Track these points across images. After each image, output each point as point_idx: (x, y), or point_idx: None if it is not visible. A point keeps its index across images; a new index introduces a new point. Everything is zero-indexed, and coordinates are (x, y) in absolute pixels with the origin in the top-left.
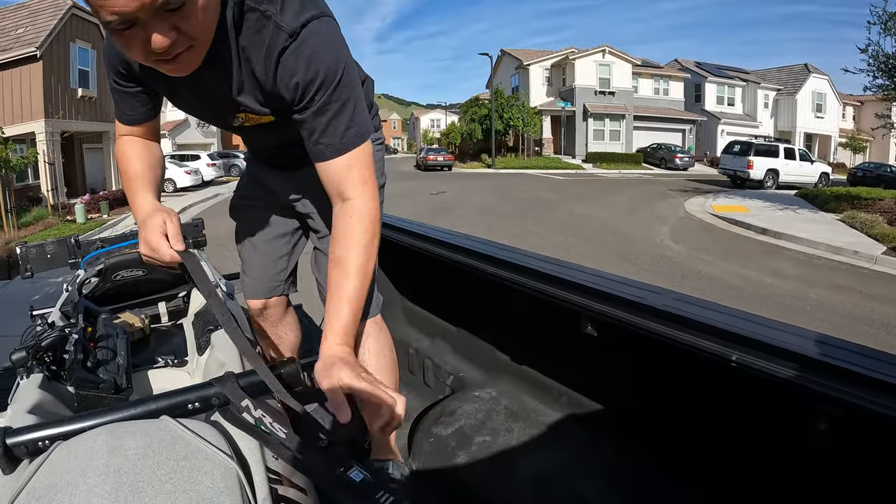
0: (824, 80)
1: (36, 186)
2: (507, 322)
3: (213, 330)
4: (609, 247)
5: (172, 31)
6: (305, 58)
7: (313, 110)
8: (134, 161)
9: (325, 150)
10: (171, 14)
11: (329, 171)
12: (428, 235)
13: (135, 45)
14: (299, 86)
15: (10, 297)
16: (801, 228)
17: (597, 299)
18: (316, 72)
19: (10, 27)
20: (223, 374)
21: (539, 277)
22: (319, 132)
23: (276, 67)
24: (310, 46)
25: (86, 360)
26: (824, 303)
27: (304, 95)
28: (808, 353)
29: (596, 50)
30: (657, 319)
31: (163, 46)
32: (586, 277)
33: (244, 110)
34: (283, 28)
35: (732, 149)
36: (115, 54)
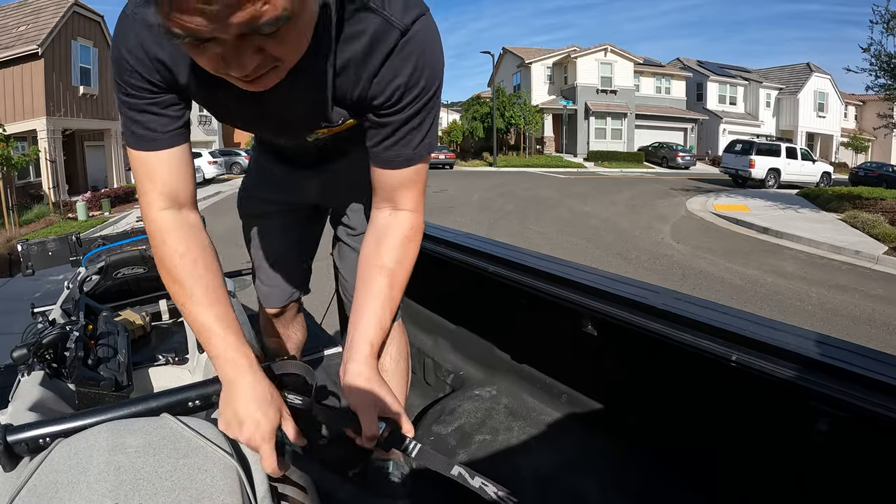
0: (826, 79)
1: (37, 184)
2: (508, 320)
3: None
4: (610, 246)
5: (257, 55)
6: (413, 58)
7: (402, 116)
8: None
9: (394, 159)
10: (260, 37)
11: (390, 179)
12: (429, 234)
13: (206, 57)
14: (400, 88)
15: (11, 295)
16: (802, 228)
17: (597, 298)
18: (420, 76)
19: (11, 25)
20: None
21: (539, 276)
22: (396, 139)
23: (381, 67)
24: (419, 46)
25: (87, 358)
26: (825, 302)
27: (399, 99)
28: (808, 353)
29: (598, 48)
30: (657, 319)
31: (242, 73)
32: (587, 276)
33: (328, 125)
34: (394, 24)
35: (734, 148)
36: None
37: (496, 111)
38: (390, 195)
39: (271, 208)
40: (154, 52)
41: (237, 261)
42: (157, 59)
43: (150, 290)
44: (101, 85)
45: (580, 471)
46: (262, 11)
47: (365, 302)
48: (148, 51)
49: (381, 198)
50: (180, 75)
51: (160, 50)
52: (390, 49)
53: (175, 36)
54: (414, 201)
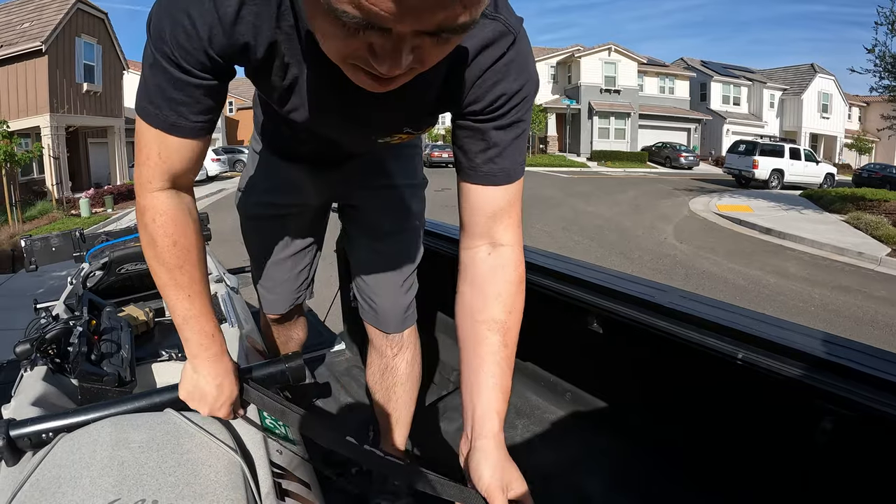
0: (830, 80)
1: (41, 180)
2: None
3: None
4: (613, 245)
5: (410, 55)
6: (517, 65)
7: (501, 124)
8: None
9: (498, 173)
10: (433, 38)
11: (489, 200)
12: (432, 231)
13: (348, 46)
14: (504, 95)
15: (14, 291)
16: (805, 229)
17: (603, 296)
18: (524, 83)
19: (15, 21)
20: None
21: (546, 273)
22: (497, 151)
23: (486, 70)
24: (523, 53)
25: (90, 353)
26: (828, 304)
27: (500, 105)
28: (814, 352)
29: (602, 48)
30: (663, 317)
31: (390, 69)
32: (593, 274)
33: (411, 131)
34: (510, 26)
35: (738, 148)
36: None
37: None
38: (488, 224)
39: (279, 212)
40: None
41: (242, 257)
42: (238, 39)
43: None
44: (105, 82)
45: (584, 469)
46: (457, 14)
47: (482, 367)
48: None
49: (477, 232)
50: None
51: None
52: (501, 53)
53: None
54: (515, 233)
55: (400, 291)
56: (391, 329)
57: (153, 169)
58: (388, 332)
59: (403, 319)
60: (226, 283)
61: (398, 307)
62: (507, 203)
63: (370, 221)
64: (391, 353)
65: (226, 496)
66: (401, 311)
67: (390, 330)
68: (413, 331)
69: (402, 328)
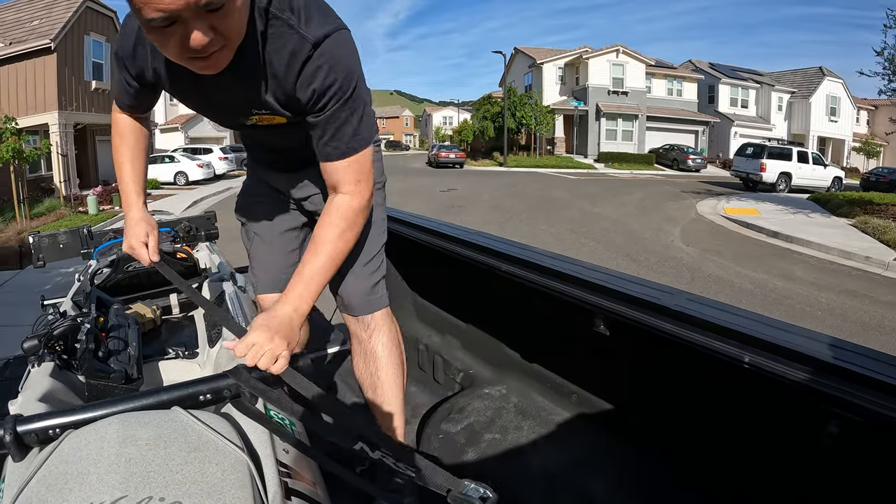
0: (839, 83)
1: (49, 177)
2: (518, 319)
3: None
4: (619, 247)
5: (210, 31)
6: (326, 67)
7: (326, 115)
8: (132, 150)
9: (331, 153)
10: (211, 14)
11: (330, 169)
12: (439, 231)
13: (172, 42)
14: (316, 92)
15: (21, 287)
16: (812, 232)
17: (611, 298)
18: (333, 81)
19: (25, 19)
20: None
21: (553, 275)
22: (329, 136)
23: (299, 74)
24: (330, 57)
25: (97, 350)
26: (835, 308)
27: (319, 101)
28: (822, 356)
29: (609, 49)
30: (670, 320)
31: (201, 44)
32: (600, 276)
33: (259, 112)
34: (307, 38)
35: (745, 151)
36: (129, 55)
37: (507, 111)
38: (333, 184)
39: (260, 200)
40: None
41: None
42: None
43: (161, 283)
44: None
45: (589, 471)
46: None
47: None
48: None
49: (328, 186)
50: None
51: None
52: (304, 59)
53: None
54: (350, 185)
55: (361, 274)
56: (357, 312)
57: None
58: (356, 315)
59: (368, 302)
60: (233, 282)
61: (360, 290)
62: (344, 168)
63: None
64: (365, 336)
65: (233, 494)
66: (363, 294)
67: (357, 313)
68: (386, 314)
69: (369, 310)
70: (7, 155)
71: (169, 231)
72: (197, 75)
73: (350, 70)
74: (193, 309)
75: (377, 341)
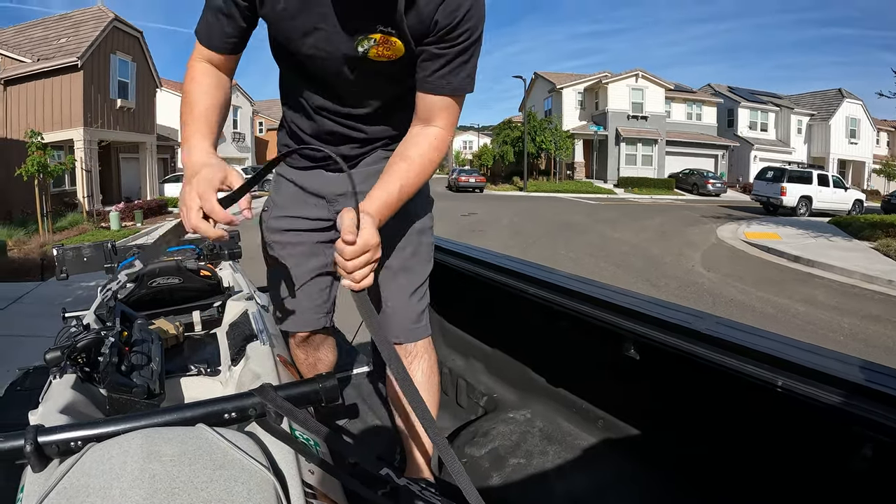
0: (858, 105)
1: (72, 192)
2: (544, 343)
3: (247, 342)
4: (639, 272)
5: None
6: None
7: (456, 48)
8: (203, 94)
9: (444, 87)
10: None
11: (434, 102)
12: (466, 254)
13: None
14: (455, 20)
15: (43, 298)
16: (834, 256)
17: (640, 322)
18: (473, 13)
19: (52, 37)
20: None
21: (582, 299)
22: (448, 69)
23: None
24: None
25: (120, 364)
26: (858, 333)
27: (454, 30)
28: (853, 378)
29: (629, 74)
30: (701, 343)
31: None
32: (629, 300)
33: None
34: None
35: (765, 175)
36: None
37: (527, 136)
38: (428, 116)
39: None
40: None
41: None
42: None
43: (184, 300)
44: (139, 99)
45: (616, 497)
46: None
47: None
48: None
49: (418, 119)
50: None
51: None
52: None
53: None
54: (445, 121)
55: (409, 301)
56: (402, 339)
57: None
58: (401, 343)
59: (414, 329)
60: (256, 301)
61: (407, 317)
62: (448, 106)
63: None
64: (406, 362)
65: None
66: (410, 321)
67: (401, 340)
68: (427, 343)
69: (413, 338)
70: (32, 169)
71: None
72: None
73: (483, 8)
74: (216, 326)
75: (417, 368)
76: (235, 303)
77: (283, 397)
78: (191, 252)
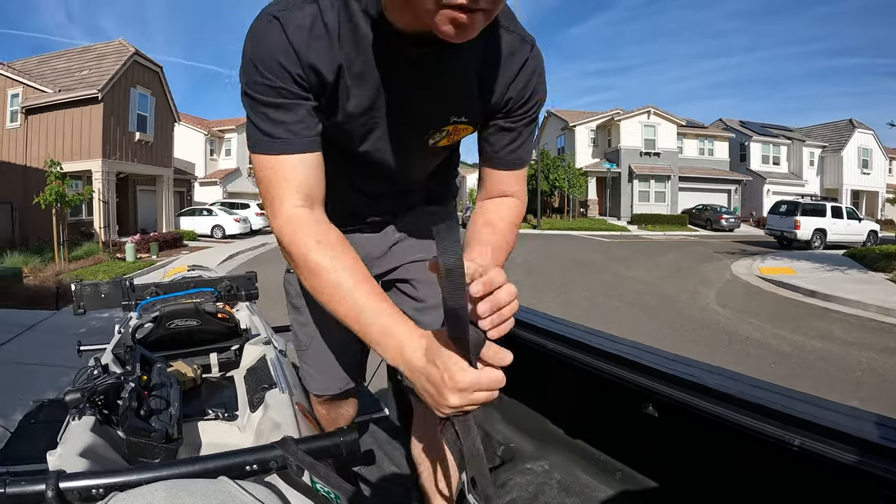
0: (869, 135)
1: (89, 222)
2: (561, 394)
3: (266, 389)
4: (654, 311)
5: None
6: (539, 71)
7: (526, 120)
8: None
9: (514, 161)
10: None
11: (504, 179)
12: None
13: None
14: (526, 94)
15: (57, 328)
16: (850, 290)
17: (658, 380)
18: (542, 86)
19: (75, 68)
20: (281, 437)
21: (599, 355)
22: (519, 143)
23: (517, 74)
24: (540, 62)
25: (139, 408)
26: (876, 367)
27: (525, 104)
28: (870, 436)
29: (641, 111)
30: (715, 401)
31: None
32: (648, 357)
33: (458, 119)
34: (526, 39)
35: (779, 209)
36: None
37: (541, 174)
38: (502, 190)
39: None
40: (306, 54)
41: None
42: (309, 62)
43: (202, 342)
44: (157, 132)
45: None
46: None
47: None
48: (300, 52)
49: (490, 192)
50: (328, 74)
51: (310, 52)
52: (525, 59)
53: None
54: (520, 192)
55: None
56: None
57: (283, 192)
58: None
59: None
60: (274, 346)
61: None
62: (518, 178)
63: (415, 293)
64: (434, 420)
65: None
66: None
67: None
68: None
69: None
70: (50, 198)
71: (211, 291)
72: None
73: (544, 75)
74: (233, 368)
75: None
76: (253, 347)
77: (304, 450)
78: (209, 295)
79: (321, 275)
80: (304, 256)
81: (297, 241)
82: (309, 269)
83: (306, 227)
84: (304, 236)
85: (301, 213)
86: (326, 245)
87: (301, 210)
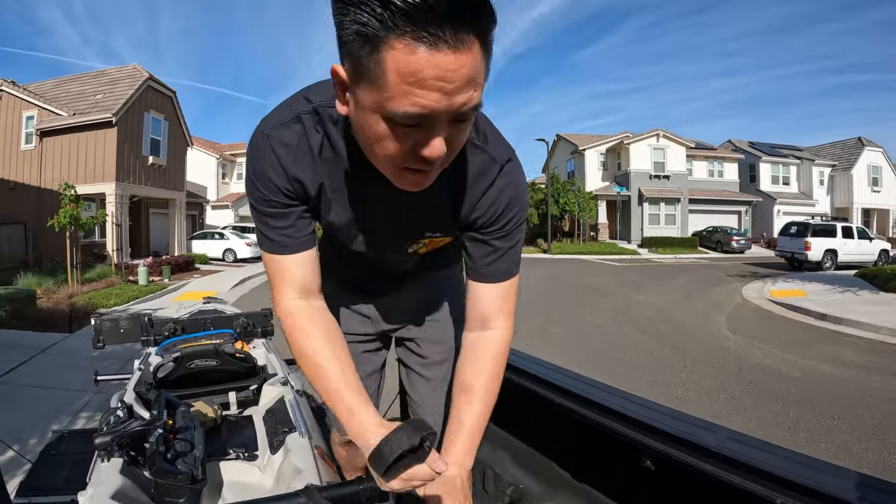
0: (879, 152)
1: (101, 244)
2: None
3: (286, 433)
4: (664, 337)
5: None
6: (510, 189)
7: (501, 235)
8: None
9: (492, 273)
10: (456, 124)
11: (486, 294)
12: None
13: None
14: (498, 212)
15: (69, 350)
16: (861, 311)
17: (653, 436)
18: (516, 202)
19: (89, 92)
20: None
21: (600, 410)
22: (496, 256)
23: (483, 194)
24: (514, 180)
25: (166, 451)
26: (887, 391)
27: (497, 221)
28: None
29: (650, 134)
30: (712, 461)
31: (436, 154)
32: (646, 413)
33: (433, 234)
34: (496, 159)
35: (789, 230)
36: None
37: (550, 198)
38: (484, 314)
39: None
40: (291, 169)
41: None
42: (294, 175)
43: (221, 381)
44: (170, 156)
45: None
46: (473, 97)
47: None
48: (286, 168)
49: (473, 316)
50: (311, 188)
51: (295, 167)
52: (492, 180)
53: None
54: (503, 320)
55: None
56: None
57: (282, 287)
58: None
59: None
60: (291, 386)
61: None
62: (500, 297)
63: (420, 350)
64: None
65: None
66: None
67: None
68: None
69: None
70: (64, 220)
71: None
72: (372, 193)
73: (525, 194)
74: (251, 405)
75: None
76: (271, 388)
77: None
78: (229, 336)
79: (308, 357)
80: (296, 342)
81: (292, 331)
82: (299, 353)
83: (300, 320)
84: (297, 328)
85: (297, 306)
86: (314, 337)
87: (297, 303)
